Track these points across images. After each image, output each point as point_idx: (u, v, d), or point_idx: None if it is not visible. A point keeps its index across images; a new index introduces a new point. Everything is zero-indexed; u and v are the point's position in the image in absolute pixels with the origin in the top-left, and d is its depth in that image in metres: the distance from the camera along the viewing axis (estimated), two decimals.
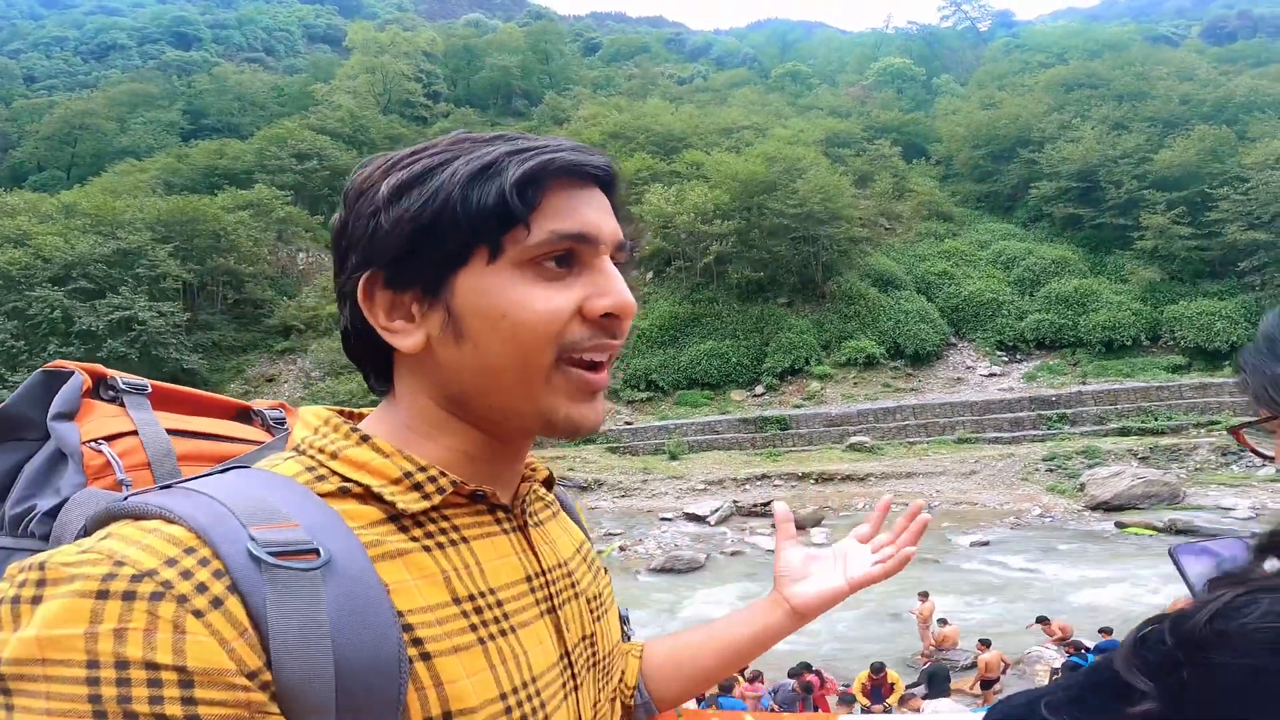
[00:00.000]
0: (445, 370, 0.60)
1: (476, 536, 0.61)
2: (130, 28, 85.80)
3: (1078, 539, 17.54)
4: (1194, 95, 37.91)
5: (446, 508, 0.60)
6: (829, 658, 10.95)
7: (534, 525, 0.69)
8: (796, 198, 30.95)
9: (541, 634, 0.63)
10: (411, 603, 0.54)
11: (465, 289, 0.58)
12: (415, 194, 0.57)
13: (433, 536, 0.58)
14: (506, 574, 0.62)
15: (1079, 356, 29.01)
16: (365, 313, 0.60)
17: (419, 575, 0.55)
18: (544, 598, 0.65)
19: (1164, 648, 0.60)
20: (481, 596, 0.59)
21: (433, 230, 0.57)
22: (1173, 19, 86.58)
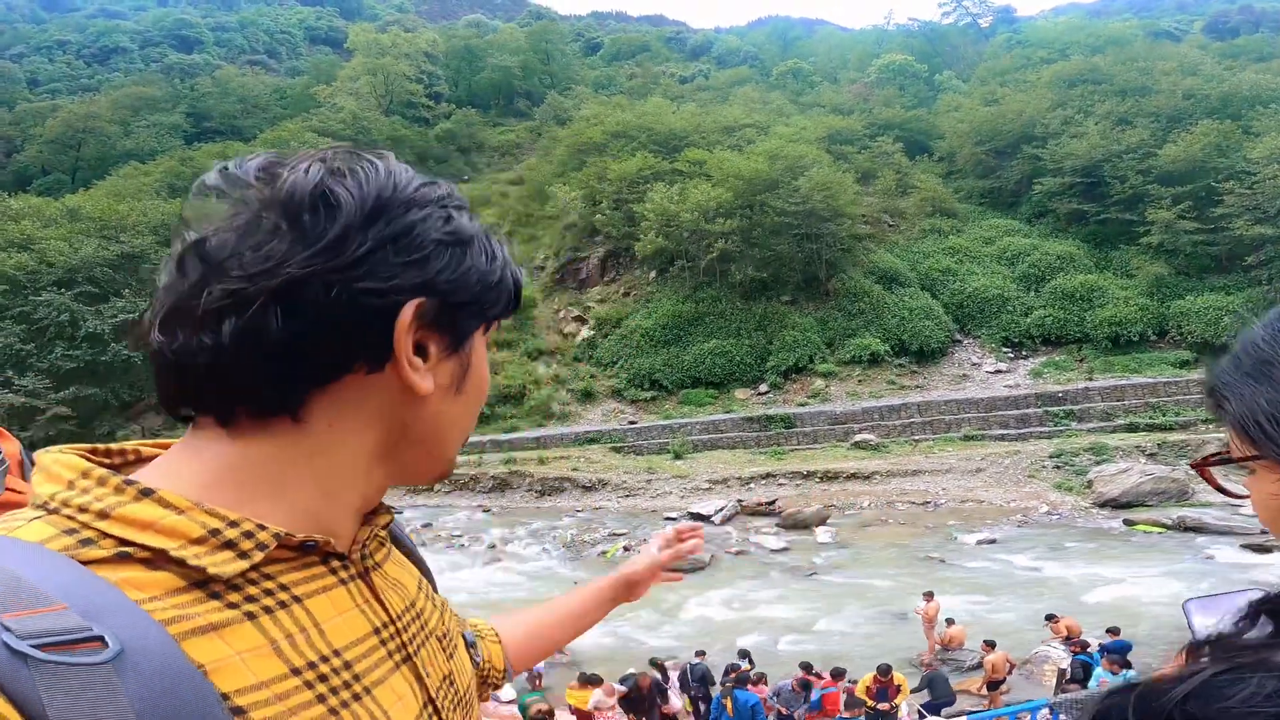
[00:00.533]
0: (428, 417, 0.58)
1: (311, 593, 0.54)
2: (132, 31, 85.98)
3: (1086, 537, 17.43)
4: (1197, 90, 37.73)
5: (269, 564, 0.52)
6: (833, 658, 10.87)
7: (375, 570, 0.62)
8: (799, 195, 30.86)
9: (400, 688, 0.58)
10: (239, 681, 0.46)
11: (477, 350, 0.61)
12: (480, 251, 0.58)
13: (255, 601, 0.50)
14: (351, 630, 0.55)
15: (1085, 352, 28.87)
16: (399, 340, 0.53)
17: (244, 649, 0.47)
18: (397, 647, 0.60)
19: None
20: (325, 662, 0.52)
21: (489, 291, 0.59)
22: (1174, 14, 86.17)
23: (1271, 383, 0.58)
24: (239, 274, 0.50)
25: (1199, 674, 0.50)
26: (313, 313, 0.51)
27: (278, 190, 0.52)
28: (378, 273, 0.52)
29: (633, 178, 35.86)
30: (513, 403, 30.58)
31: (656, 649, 12.10)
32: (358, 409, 0.55)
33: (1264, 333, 0.60)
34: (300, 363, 0.52)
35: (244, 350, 0.50)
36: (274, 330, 0.50)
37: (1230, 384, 0.61)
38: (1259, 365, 0.59)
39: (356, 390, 0.54)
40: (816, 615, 13.49)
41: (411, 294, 0.53)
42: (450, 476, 0.67)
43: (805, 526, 19.33)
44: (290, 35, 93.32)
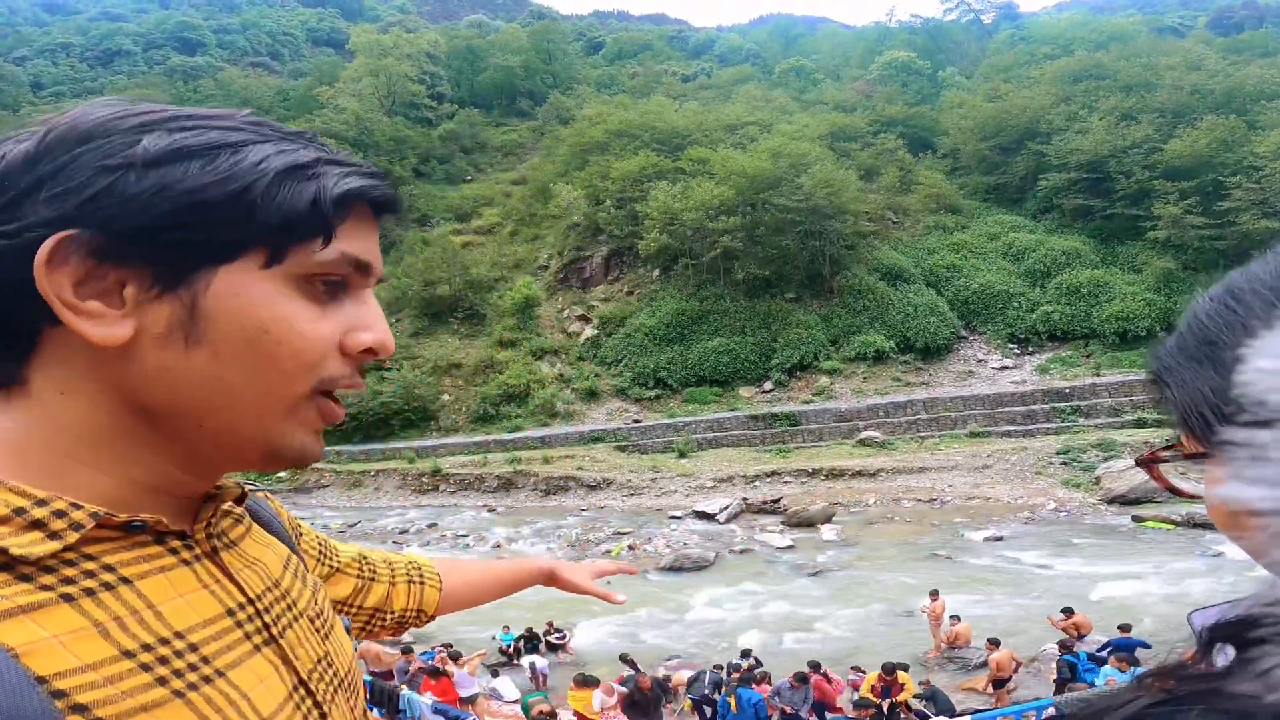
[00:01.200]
0: (153, 376, 0.48)
1: (143, 574, 0.49)
2: (135, 33, 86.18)
3: (1094, 533, 17.30)
4: (1202, 85, 37.53)
5: (89, 545, 0.47)
6: (839, 656, 10.78)
7: (226, 549, 0.57)
8: (802, 193, 30.77)
9: (262, 670, 0.54)
10: (60, 664, 0.42)
11: (223, 288, 0.49)
12: (199, 166, 0.48)
13: (73, 583, 0.45)
14: (196, 612, 0.51)
15: (1092, 348, 28.71)
16: (39, 279, 0.45)
17: (62, 631, 0.43)
18: (257, 629, 0.55)
19: None
20: (164, 644, 0.47)
21: (211, 211, 0.48)
22: (1178, 10, 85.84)
23: (1216, 366, 0.48)
24: None
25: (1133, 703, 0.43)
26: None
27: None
28: (20, 214, 0.46)
29: (636, 176, 35.83)
30: (517, 402, 30.55)
31: (661, 648, 12.02)
32: (74, 370, 0.48)
33: (1207, 307, 0.50)
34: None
35: None
36: None
37: (1171, 367, 0.52)
38: (1202, 346, 0.50)
39: (63, 349, 0.48)
40: (822, 613, 13.38)
41: (54, 228, 0.45)
42: (308, 461, 0.54)
43: (810, 524, 19.23)
44: (292, 37, 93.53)
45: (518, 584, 1.17)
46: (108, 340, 0.47)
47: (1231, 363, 0.46)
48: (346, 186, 0.52)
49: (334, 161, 0.53)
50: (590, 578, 1.22)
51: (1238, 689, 0.38)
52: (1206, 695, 0.41)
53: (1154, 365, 0.55)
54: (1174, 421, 0.53)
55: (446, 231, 43.04)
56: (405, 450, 28.50)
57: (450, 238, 41.47)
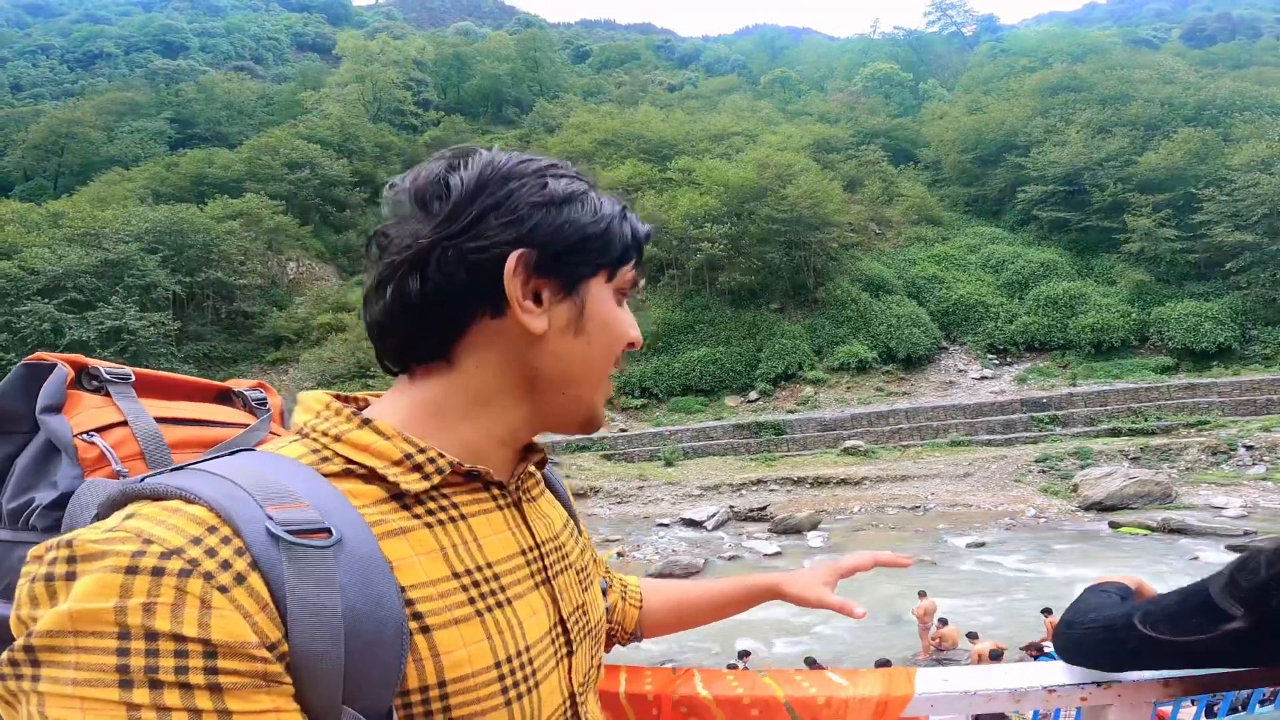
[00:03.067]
0: (551, 356, 0.67)
1: (474, 513, 0.65)
2: (117, 36, 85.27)
3: (1072, 539, 17.67)
4: (1176, 98, 38.33)
5: (445, 486, 0.64)
6: (828, 660, 10.99)
7: (528, 501, 0.73)
8: (786, 203, 31.14)
9: (536, 604, 0.67)
10: (414, 578, 0.57)
11: (593, 295, 0.68)
12: (581, 208, 0.67)
13: (434, 514, 0.62)
14: (503, 548, 0.66)
15: (1069, 358, 29.28)
16: (508, 286, 0.63)
17: (421, 551, 0.59)
18: (538, 569, 0.70)
19: (1259, 578, 0.68)
20: (479, 570, 0.62)
21: (593, 241, 0.67)
22: (1153, 21, 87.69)
23: None
24: (392, 251, 0.65)
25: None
26: (437, 273, 0.63)
27: (413, 186, 0.66)
28: (482, 234, 0.63)
29: (622, 185, 36.03)
30: None
31: (653, 654, 12.18)
32: (492, 351, 0.66)
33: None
34: (436, 315, 0.64)
35: (398, 310, 0.65)
36: (413, 291, 0.64)
37: None
38: None
39: (488, 335, 0.65)
40: (811, 618, 13.59)
41: (512, 247, 0.63)
42: (600, 427, 0.74)
43: (797, 531, 19.48)
44: (277, 41, 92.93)
45: (735, 602, 1.10)
46: (537, 329, 0.65)
47: None
48: (646, 229, 0.73)
49: (629, 208, 0.73)
50: (827, 583, 1.08)
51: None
52: None
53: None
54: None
55: None
56: None
57: None
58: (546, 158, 0.70)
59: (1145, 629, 0.79)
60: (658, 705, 1.08)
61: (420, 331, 0.65)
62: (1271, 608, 0.67)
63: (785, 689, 1.04)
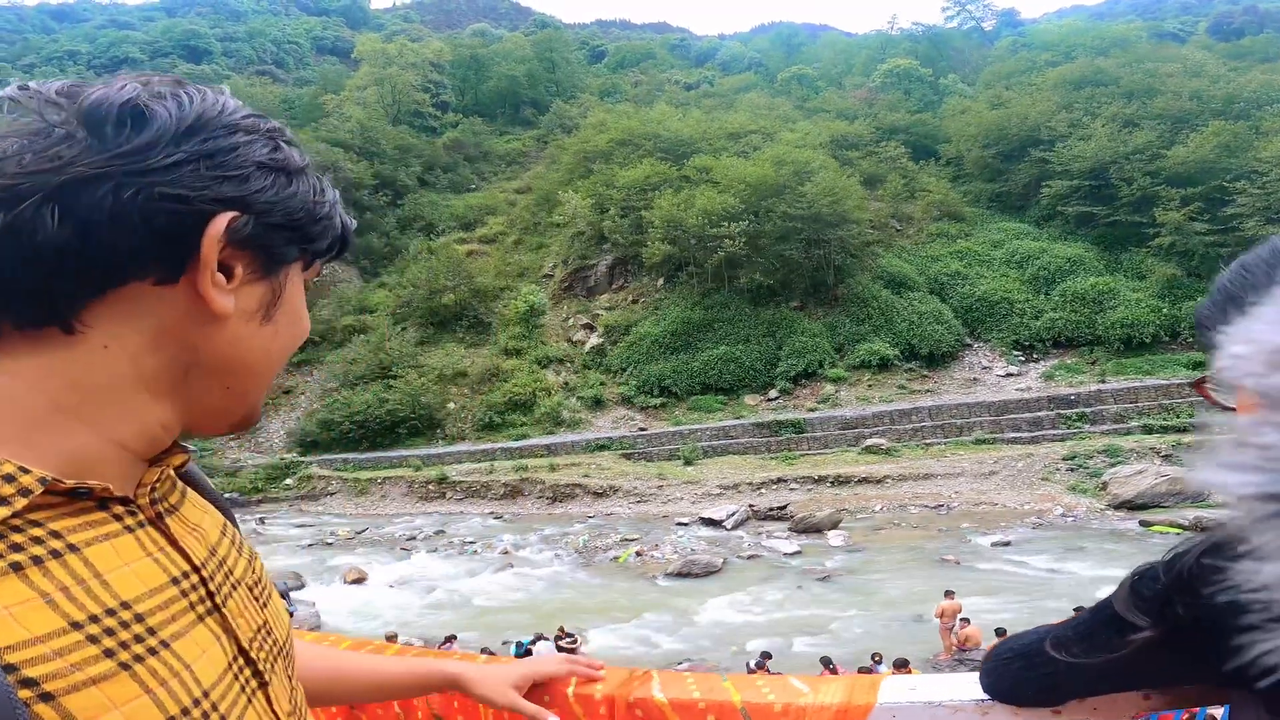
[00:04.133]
0: (225, 341, 0.55)
1: (89, 541, 0.49)
2: (142, 41, 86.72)
3: (1102, 538, 17.34)
4: (1203, 91, 37.65)
5: (35, 511, 0.47)
6: (849, 659, 10.82)
7: (169, 514, 0.58)
8: (805, 200, 30.91)
9: (204, 640, 0.54)
10: (8, 637, 0.42)
11: (289, 281, 0.60)
12: (306, 183, 0.59)
13: (21, 550, 0.45)
14: (142, 581, 0.51)
15: (1097, 355, 28.76)
16: (206, 245, 0.51)
17: (12, 603, 0.43)
18: (200, 598, 0.56)
19: (1158, 585, 0.65)
20: (110, 615, 0.48)
21: (311, 223, 0.59)
22: (1178, 15, 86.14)
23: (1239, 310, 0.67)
24: (14, 172, 0.47)
25: (1212, 537, 0.63)
26: (97, 214, 0.48)
27: (79, 103, 0.50)
28: (187, 182, 0.51)
29: (640, 185, 36.00)
30: (523, 410, 30.63)
31: (673, 651, 12.08)
32: (140, 324, 0.51)
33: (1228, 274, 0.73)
34: (75, 266, 0.48)
35: (7, 251, 0.47)
36: (48, 229, 0.47)
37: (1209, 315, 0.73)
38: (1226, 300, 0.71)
39: (140, 303, 0.51)
40: (830, 617, 13.45)
41: (225, 206, 0.52)
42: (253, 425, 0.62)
43: (817, 530, 19.28)
44: (297, 45, 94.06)
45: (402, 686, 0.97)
46: (222, 309, 0.53)
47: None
48: (351, 225, 0.66)
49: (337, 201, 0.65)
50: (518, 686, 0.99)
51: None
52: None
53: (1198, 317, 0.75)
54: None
55: (451, 240, 43.23)
56: (411, 458, 28.58)
57: (455, 246, 41.63)
58: (279, 121, 0.61)
59: (1058, 653, 0.72)
60: (609, 706, 1.04)
61: (38, 283, 0.48)
62: (1176, 615, 0.64)
63: (743, 694, 1.02)
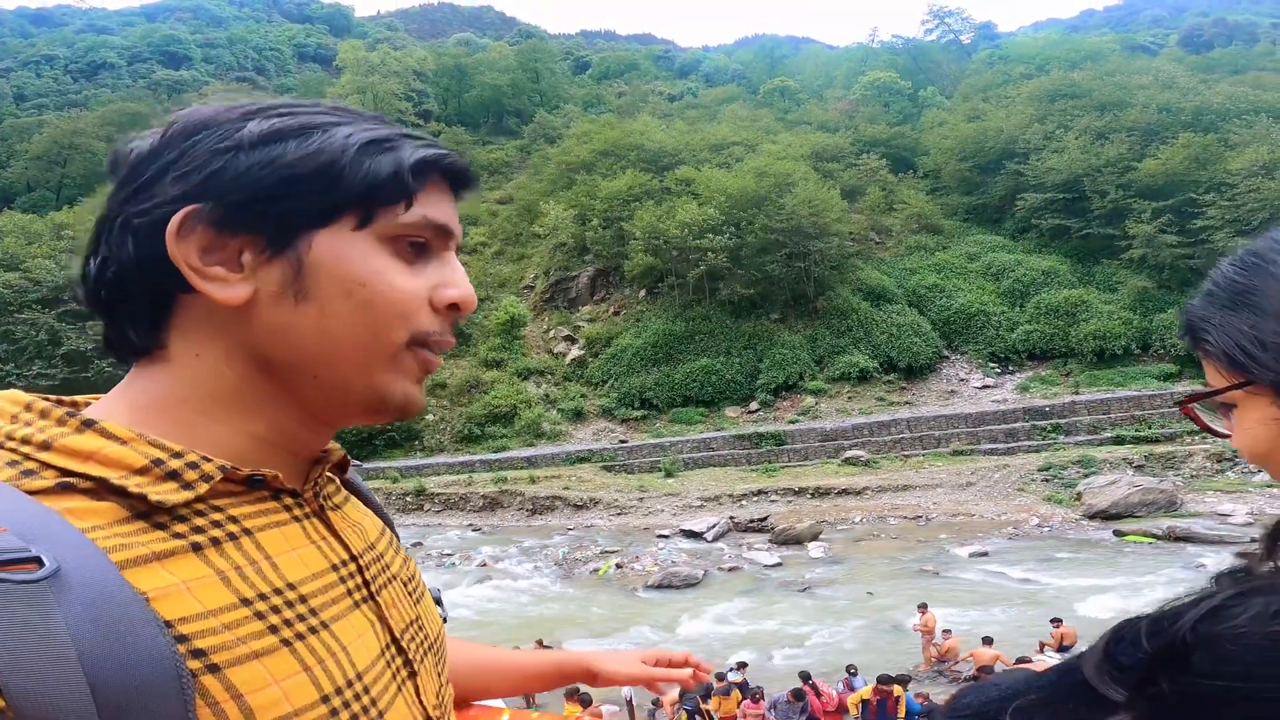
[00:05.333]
0: (271, 332, 0.55)
1: (261, 527, 0.54)
2: (120, 46, 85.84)
3: (1077, 548, 17.54)
4: (1174, 104, 38.27)
5: (216, 497, 0.52)
6: (829, 671, 10.87)
7: (331, 509, 0.63)
8: (785, 212, 31.11)
9: (360, 625, 0.58)
10: (184, 610, 0.46)
11: (323, 249, 0.55)
12: (293, 144, 0.55)
13: (202, 532, 0.50)
14: (306, 565, 0.56)
15: (1071, 366, 29.16)
16: (171, 248, 0.52)
17: (190, 578, 0.48)
18: (357, 585, 0.60)
19: (1140, 654, 0.53)
20: (277, 594, 0.52)
21: (306, 182, 0.54)
22: (1149, 28, 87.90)
23: (1250, 309, 0.60)
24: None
25: (1211, 598, 0.52)
26: (114, 251, 0.54)
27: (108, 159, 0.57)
28: (148, 196, 0.53)
29: (622, 196, 36.07)
30: (503, 422, 30.50)
31: None
32: (205, 333, 0.55)
33: (1233, 267, 0.63)
34: (124, 301, 0.54)
35: (91, 297, 0.56)
36: (91, 277, 0.55)
37: (1207, 317, 0.63)
38: (1234, 295, 0.61)
39: (195, 314, 0.55)
40: (811, 629, 13.49)
41: (179, 204, 0.53)
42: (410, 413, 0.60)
43: (798, 542, 19.35)
44: (279, 53, 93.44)
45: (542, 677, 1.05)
46: (230, 299, 0.53)
47: (1265, 304, 0.59)
48: (421, 155, 0.58)
49: (410, 136, 0.59)
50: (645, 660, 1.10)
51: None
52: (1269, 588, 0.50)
53: (1189, 320, 0.65)
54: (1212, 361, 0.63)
55: None
56: (389, 470, 28.35)
57: None
58: (282, 99, 0.59)
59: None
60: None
61: (115, 318, 0.55)
62: (1160, 693, 0.51)
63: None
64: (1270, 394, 0.59)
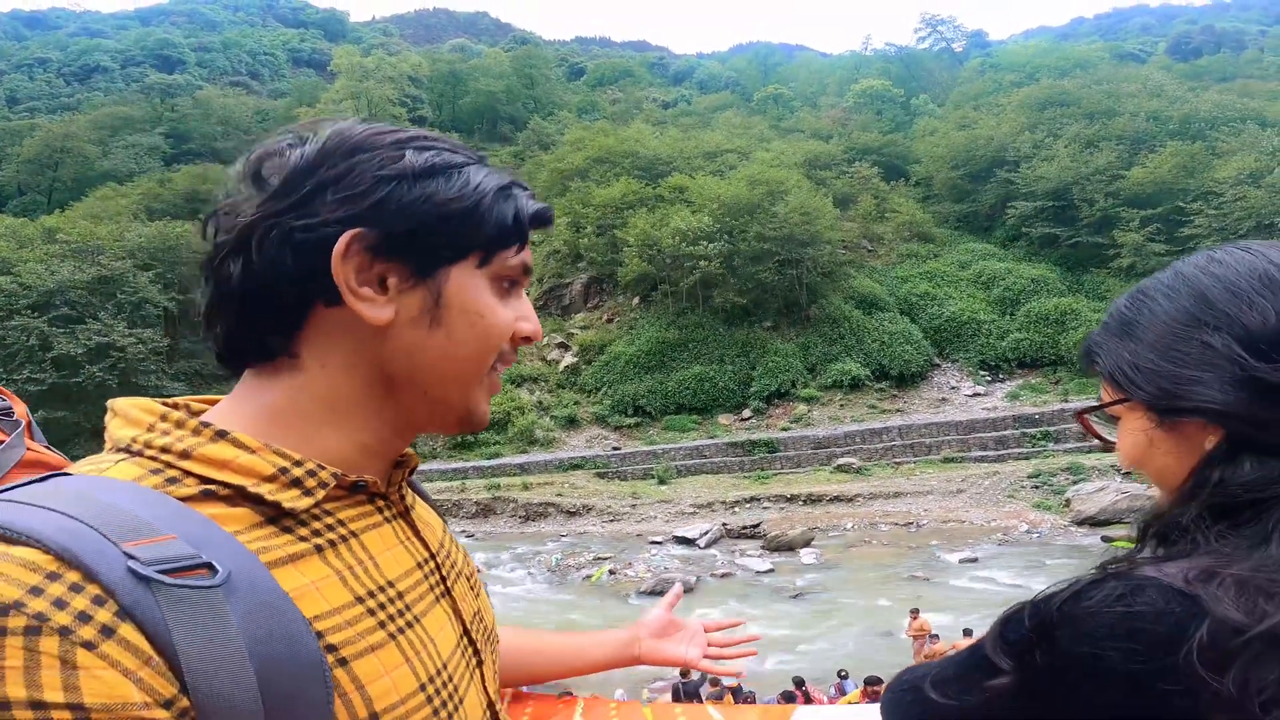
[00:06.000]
0: (402, 352, 0.59)
1: (364, 529, 0.60)
2: (113, 50, 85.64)
3: (1066, 554, 17.69)
4: (1162, 112, 38.49)
5: (328, 501, 0.57)
6: (821, 676, 10.96)
7: (410, 511, 0.68)
8: (778, 220, 31.24)
9: (441, 618, 0.63)
10: (317, 608, 0.51)
11: (456, 282, 0.60)
12: (445, 182, 0.58)
13: (320, 535, 0.55)
14: (399, 564, 0.61)
15: (1060, 374, 29.36)
16: (336, 270, 0.55)
17: (316, 578, 0.52)
18: (436, 581, 0.65)
19: (1023, 629, 0.65)
20: (382, 591, 0.57)
21: (455, 220, 0.58)
22: (1138, 36, 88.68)
23: (1132, 338, 0.72)
24: (221, 232, 0.57)
25: (1078, 583, 0.63)
26: (259, 257, 0.55)
27: (249, 160, 0.59)
28: (314, 211, 0.56)
29: (616, 203, 36.17)
30: (496, 429, 30.47)
31: (645, 672, 12.10)
32: (336, 345, 0.58)
33: (1125, 301, 0.75)
34: (263, 305, 0.57)
35: (221, 302, 0.58)
36: (235, 278, 0.56)
37: (1100, 344, 0.75)
38: (1122, 325, 0.74)
39: (328, 327, 0.58)
40: (803, 634, 13.58)
41: (345, 226, 0.55)
42: (483, 426, 0.67)
43: (790, 548, 19.44)
44: (273, 57, 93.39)
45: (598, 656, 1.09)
46: (378, 320, 0.57)
47: (1143, 335, 0.71)
48: (535, 208, 0.64)
49: (519, 185, 0.64)
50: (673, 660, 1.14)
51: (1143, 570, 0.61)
52: (1122, 574, 0.61)
53: (1087, 344, 0.78)
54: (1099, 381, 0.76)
55: None
56: None
57: None
58: (417, 130, 0.63)
59: (934, 692, 0.70)
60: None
61: (248, 324, 0.58)
62: (1035, 662, 0.63)
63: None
64: (1143, 410, 0.71)
